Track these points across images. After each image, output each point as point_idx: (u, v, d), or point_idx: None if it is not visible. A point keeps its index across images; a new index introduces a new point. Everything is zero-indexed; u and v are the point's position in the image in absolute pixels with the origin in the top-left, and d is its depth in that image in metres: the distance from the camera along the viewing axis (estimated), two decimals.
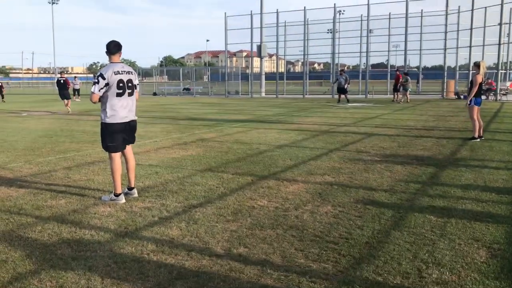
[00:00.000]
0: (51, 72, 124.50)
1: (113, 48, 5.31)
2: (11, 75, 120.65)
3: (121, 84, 5.22)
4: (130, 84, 5.33)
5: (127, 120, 5.34)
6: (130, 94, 5.36)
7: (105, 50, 5.31)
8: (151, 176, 6.59)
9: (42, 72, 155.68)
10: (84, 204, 5.18)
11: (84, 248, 3.84)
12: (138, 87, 5.54)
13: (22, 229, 4.34)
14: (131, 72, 5.40)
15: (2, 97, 30.00)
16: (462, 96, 27.68)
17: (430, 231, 4.21)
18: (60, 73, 23.34)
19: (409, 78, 26.22)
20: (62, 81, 20.65)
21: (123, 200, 5.26)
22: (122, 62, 5.47)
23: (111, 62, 5.32)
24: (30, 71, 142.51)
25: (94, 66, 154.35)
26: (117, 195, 5.28)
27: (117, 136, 5.30)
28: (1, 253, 3.74)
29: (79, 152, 8.77)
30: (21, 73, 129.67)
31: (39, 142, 10.27)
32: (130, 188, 5.52)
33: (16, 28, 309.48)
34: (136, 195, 5.49)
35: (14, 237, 4.11)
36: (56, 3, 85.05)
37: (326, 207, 5.00)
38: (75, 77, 34.76)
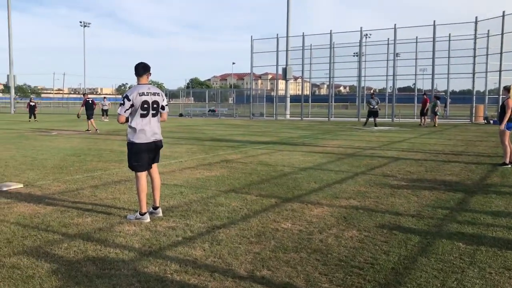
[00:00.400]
0: (80, 92, 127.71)
1: (141, 70, 5.44)
2: (42, 95, 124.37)
3: (145, 105, 5.32)
4: (155, 106, 5.41)
5: (152, 140, 5.41)
6: (155, 115, 5.44)
7: (134, 71, 5.44)
8: (175, 196, 6.63)
9: (72, 92, 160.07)
10: (109, 223, 5.23)
11: (108, 266, 3.87)
12: (166, 108, 5.61)
13: (49, 245, 4.41)
14: (158, 94, 5.48)
15: (35, 117, 30.91)
16: (491, 121, 27.18)
17: (459, 258, 4.09)
18: (84, 94, 23.80)
19: (438, 102, 25.92)
20: (90, 101, 21.33)
21: (148, 219, 5.30)
22: (150, 84, 5.57)
23: (138, 84, 5.45)
24: (61, 92, 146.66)
25: (122, 88, 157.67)
26: (142, 214, 5.32)
27: (142, 156, 5.39)
28: (28, 268, 3.80)
29: (106, 171, 8.91)
30: (52, 93, 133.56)
31: (67, 160, 10.48)
32: (155, 208, 5.56)
33: (49, 50, 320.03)
34: (160, 214, 5.52)
35: (41, 253, 4.17)
36: (88, 26, 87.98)
37: (351, 231, 4.92)
38: (104, 97, 35.64)
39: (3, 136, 17.72)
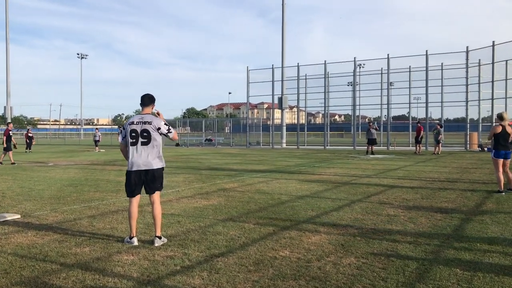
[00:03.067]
0: (77, 123, 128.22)
1: (147, 100, 5.78)
2: (39, 126, 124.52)
3: (133, 134, 5.61)
4: (145, 134, 5.59)
5: (141, 169, 5.60)
6: (145, 144, 5.60)
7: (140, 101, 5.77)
8: (173, 225, 6.64)
9: (68, 123, 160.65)
10: (107, 252, 5.23)
11: None
12: (170, 134, 5.73)
13: (47, 275, 4.40)
14: (149, 123, 5.61)
15: (30, 148, 30.37)
16: (486, 149, 27.41)
17: (457, 284, 4.11)
18: (8, 124, 20.69)
19: (442, 130, 26.22)
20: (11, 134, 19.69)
21: (135, 243, 5.54)
22: (148, 114, 5.72)
23: (139, 114, 5.76)
24: (57, 123, 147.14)
25: (119, 118, 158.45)
26: (130, 238, 5.61)
27: (130, 182, 5.66)
28: None
29: (103, 201, 8.91)
30: (48, 124, 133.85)
31: (64, 191, 10.48)
32: (157, 236, 5.61)
33: (46, 81, 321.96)
34: (157, 244, 5.51)
35: (40, 284, 4.16)
36: (85, 58, 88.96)
37: (349, 259, 4.94)
38: (96, 128, 35.64)
39: (0, 167, 17.70)
